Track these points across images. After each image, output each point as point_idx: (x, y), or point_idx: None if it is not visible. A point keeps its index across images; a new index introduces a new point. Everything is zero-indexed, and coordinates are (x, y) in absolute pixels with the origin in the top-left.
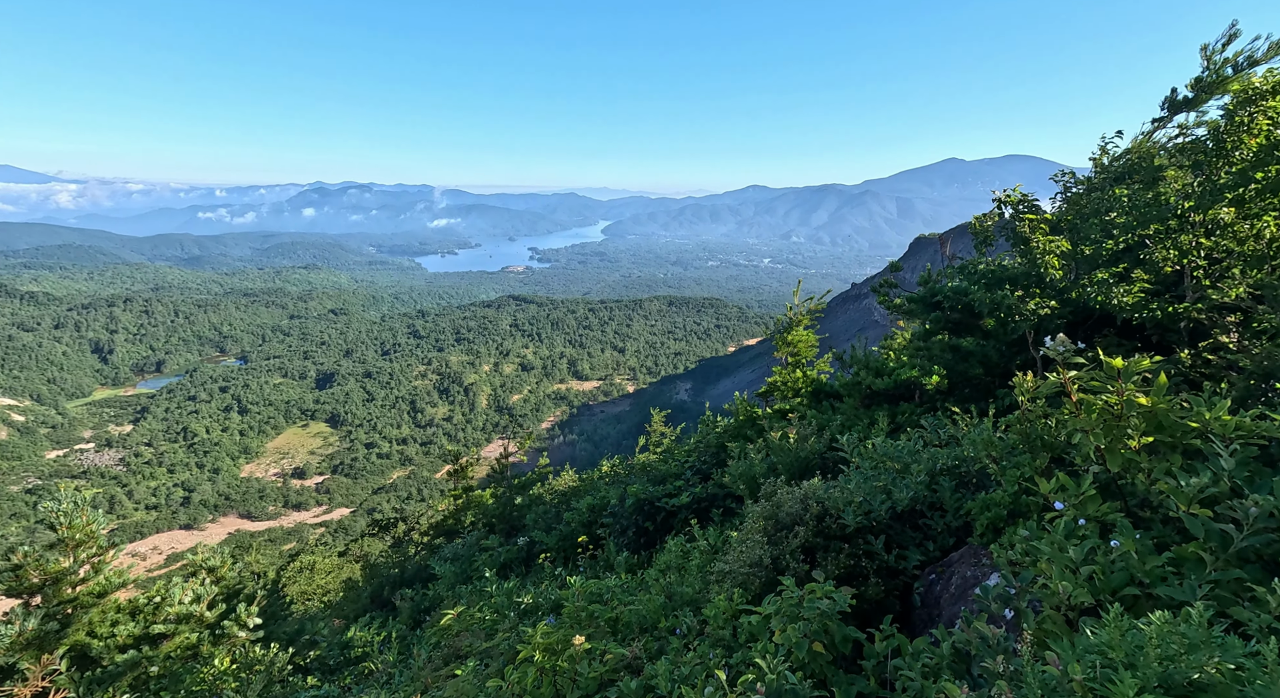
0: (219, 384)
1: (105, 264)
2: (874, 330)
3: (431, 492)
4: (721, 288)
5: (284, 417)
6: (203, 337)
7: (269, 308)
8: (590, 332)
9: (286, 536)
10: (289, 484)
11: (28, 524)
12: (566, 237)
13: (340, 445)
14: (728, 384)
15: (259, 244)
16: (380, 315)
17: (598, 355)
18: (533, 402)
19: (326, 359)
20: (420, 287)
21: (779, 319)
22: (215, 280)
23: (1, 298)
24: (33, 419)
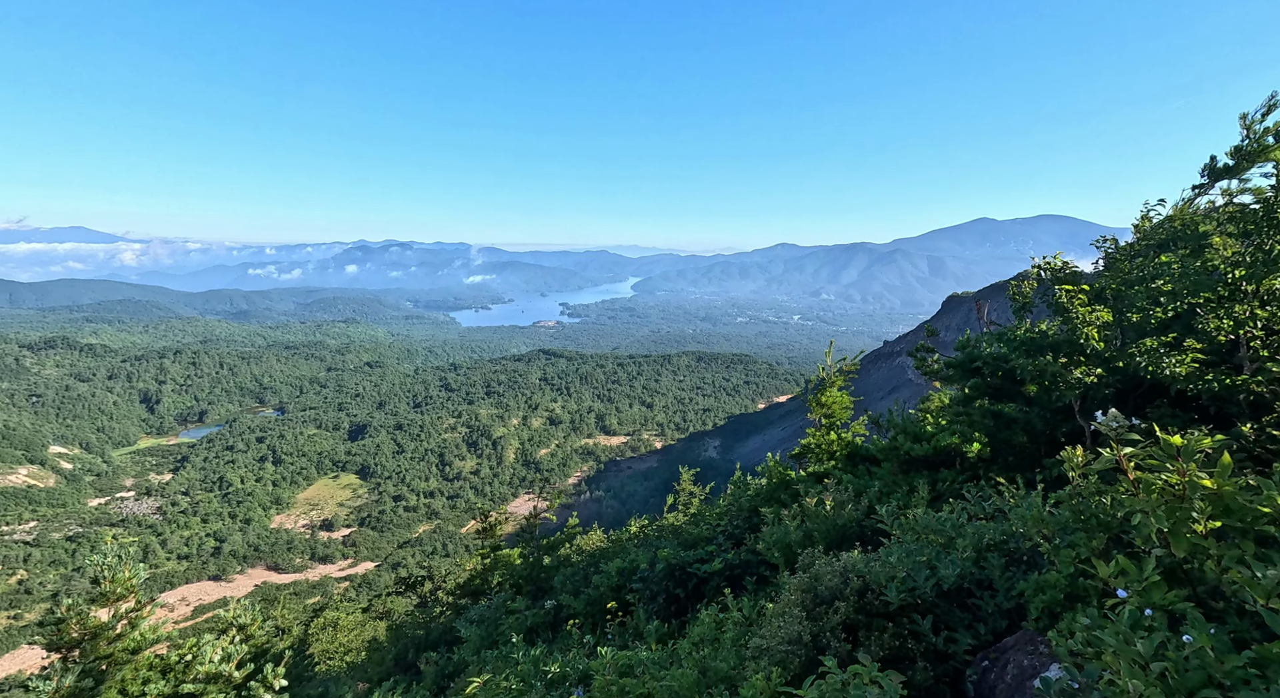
0: (256, 434)
1: (160, 318)
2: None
3: (456, 547)
4: (751, 344)
5: (316, 468)
6: (244, 388)
7: (308, 360)
8: (619, 387)
9: (311, 589)
10: (316, 536)
11: (64, 572)
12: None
13: (368, 498)
14: (757, 442)
15: (303, 299)
16: (414, 368)
17: (626, 411)
18: (560, 456)
19: (360, 411)
20: (454, 340)
21: (812, 379)
22: (260, 334)
23: (63, 350)
24: (80, 467)
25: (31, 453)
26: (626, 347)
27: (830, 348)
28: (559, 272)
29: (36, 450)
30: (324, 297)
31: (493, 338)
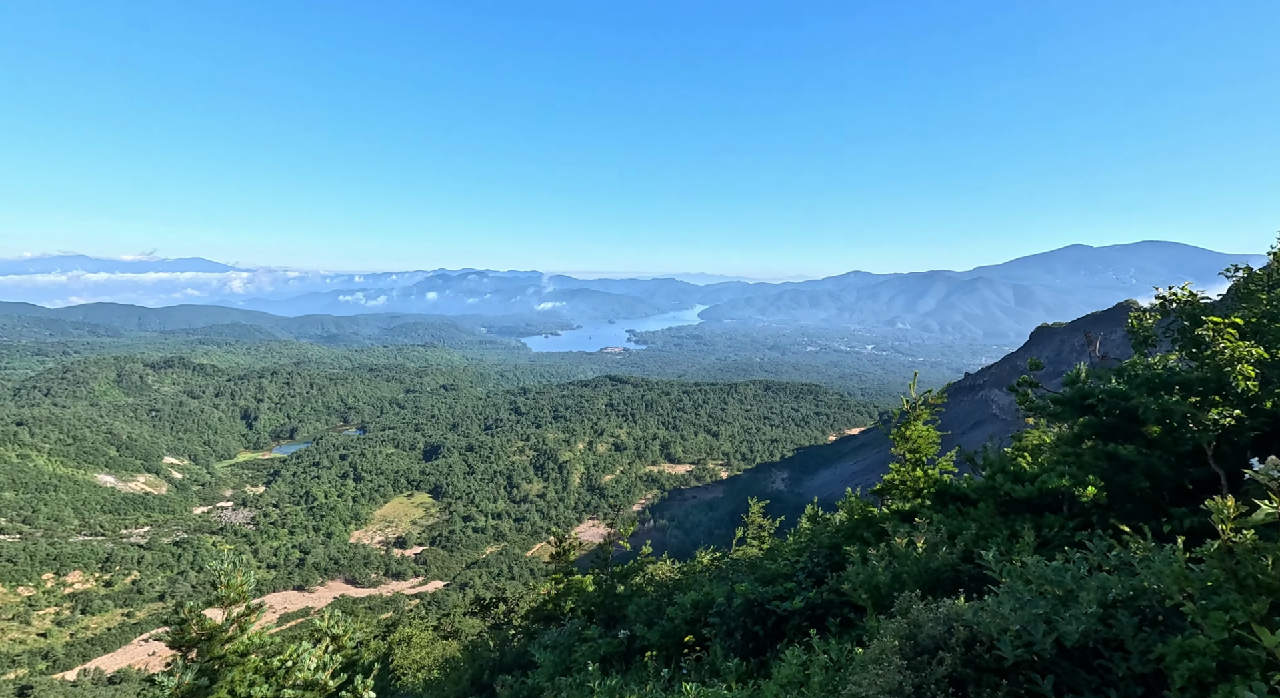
0: (340, 452)
1: (261, 341)
2: (992, 425)
3: (522, 570)
4: (821, 374)
5: (392, 486)
6: (331, 407)
7: (389, 382)
8: (684, 414)
9: (385, 604)
10: (391, 553)
11: (170, 575)
12: (663, 320)
13: (440, 517)
14: (828, 476)
15: (386, 324)
16: (486, 392)
17: (691, 439)
18: (624, 483)
19: (435, 432)
20: (524, 365)
21: (895, 411)
22: (346, 356)
23: (179, 369)
24: (187, 477)
25: (149, 463)
26: (692, 374)
27: (914, 379)
28: (626, 299)
29: (153, 461)
30: (405, 322)
31: (561, 363)
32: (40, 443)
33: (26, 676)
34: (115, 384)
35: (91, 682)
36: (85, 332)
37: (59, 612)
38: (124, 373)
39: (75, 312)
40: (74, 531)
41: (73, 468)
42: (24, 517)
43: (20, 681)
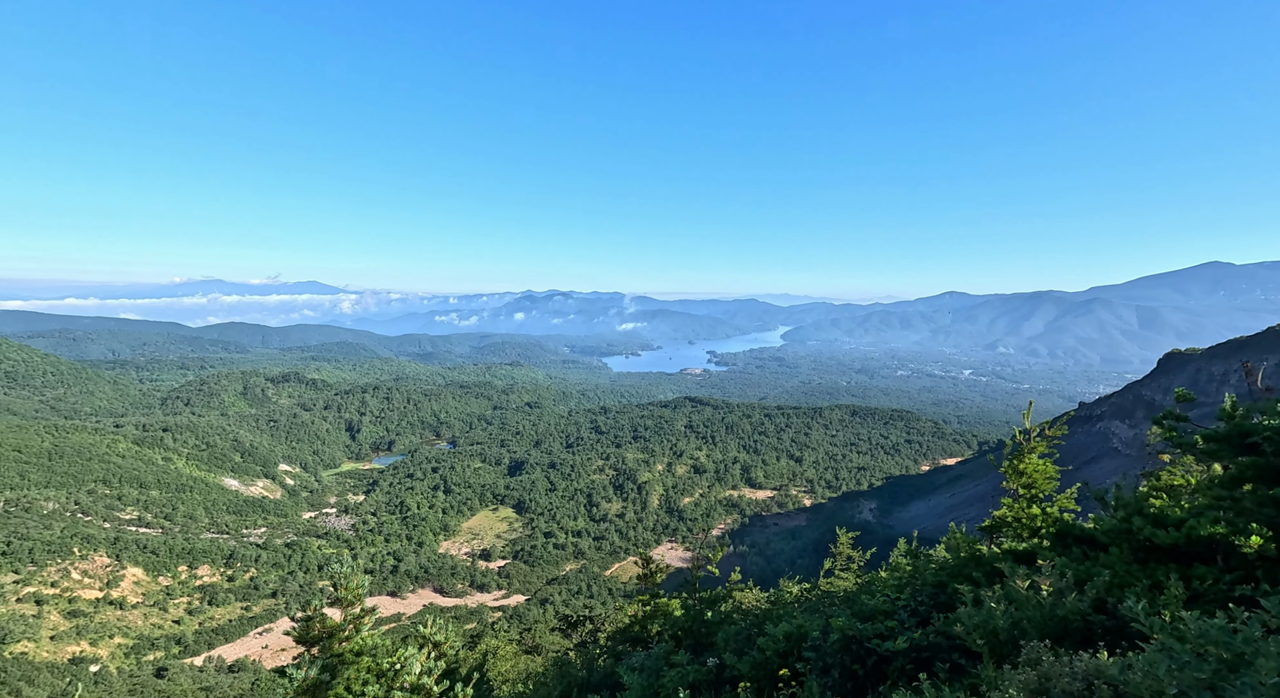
0: (431, 465)
1: (365, 358)
2: (1112, 460)
3: (600, 589)
4: (913, 400)
5: (479, 499)
6: (424, 422)
7: (477, 399)
8: (765, 438)
9: (469, 615)
10: (476, 565)
11: (282, 574)
12: (745, 341)
13: (523, 532)
14: (920, 508)
15: (477, 343)
16: (568, 410)
17: (772, 463)
18: (704, 506)
19: (519, 448)
20: (605, 385)
21: (1007, 442)
22: (440, 373)
23: (294, 384)
24: (298, 484)
25: (266, 469)
26: (774, 397)
27: (1029, 408)
28: (707, 320)
29: (270, 467)
30: (494, 341)
31: (641, 383)
32: (180, 447)
33: (163, 658)
34: (241, 396)
35: (215, 669)
36: (219, 348)
37: (190, 602)
38: (249, 386)
39: (212, 330)
40: (204, 528)
41: (205, 471)
42: (166, 513)
43: (158, 662)
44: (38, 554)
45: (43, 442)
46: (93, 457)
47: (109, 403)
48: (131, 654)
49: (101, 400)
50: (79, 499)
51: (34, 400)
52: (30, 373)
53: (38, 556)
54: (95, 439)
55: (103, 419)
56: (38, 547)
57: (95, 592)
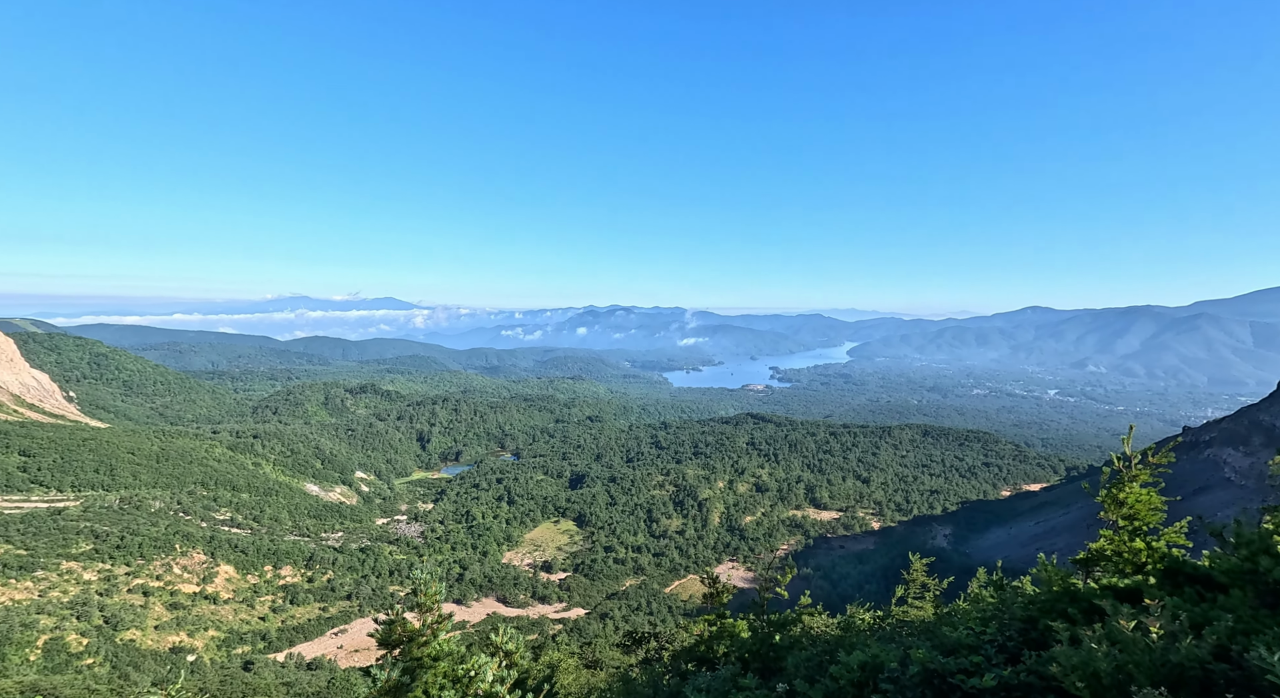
0: (496, 476)
1: (435, 371)
2: (1224, 492)
3: (660, 606)
4: (991, 420)
5: (541, 511)
6: (490, 433)
7: (540, 412)
8: (831, 457)
9: (531, 626)
10: (538, 576)
11: (356, 577)
12: (809, 357)
13: (583, 545)
14: (1000, 535)
15: (540, 357)
16: (628, 425)
17: (838, 484)
18: (766, 525)
19: (580, 461)
20: (665, 400)
21: (1104, 470)
22: (505, 387)
23: (370, 395)
24: (372, 490)
25: (344, 476)
26: (840, 415)
27: (1129, 433)
28: (770, 335)
29: (347, 474)
30: (557, 356)
31: (702, 399)
32: (268, 453)
33: (250, 652)
34: (323, 406)
35: (295, 665)
36: (304, 361)
37: (274, 600)
38: (330, 397)
39: (298, 344)
40: (288, 530)
41: (289, 477)
42: (254, 515)
43: (245, 656)
44: (146, 549)
45: (152, 445)
46: (193, 460)
47: (208, 410)
48: (223, 647)
49: (202, 408)
50: (181, 499)
51: (146, 407)
52: (143, 382)
53: (146, 551)
54: (196, 444)
55: (202, 426)
56: (146, 542)
57: (193, 586)
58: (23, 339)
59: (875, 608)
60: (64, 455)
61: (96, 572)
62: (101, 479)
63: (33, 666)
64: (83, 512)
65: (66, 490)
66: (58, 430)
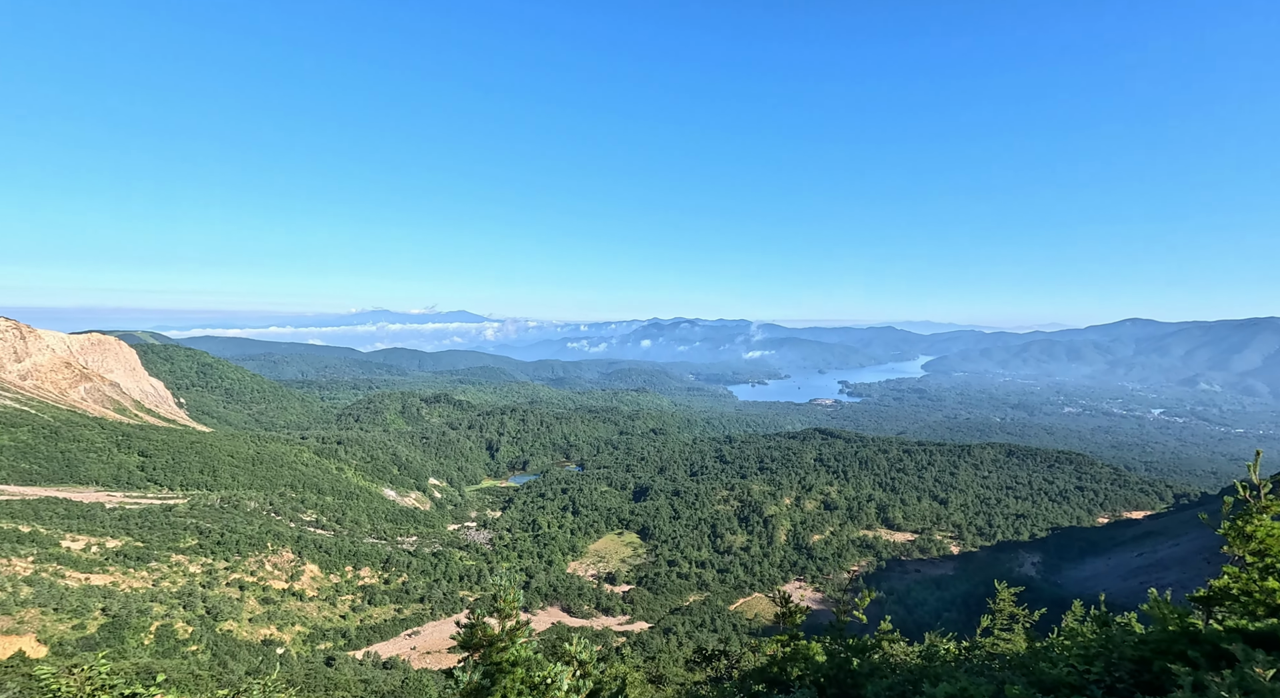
0: (561, 486)
1: (504, 382)
2: None
3: (724, 623)
4: (1085, 441)
5: (605, 523)
6: (555, 444)
7: (604, 424)
8: (904, 476)
9: (595, 638)
10: (601, 588)
11: (429, 581)
12: (880, 371)
13: (646, 558)
14: (1098, 566)
15: (604, 369)
16: (692, 438)
17: (913, 504)
18: (835, 545)
19: (644, 474)
20: (730, 413)
21: (1226, 499)
22: (570, 398)
23: (443, 404)
24: (444, 497)
25: (418, 482)
26: (914, 432)
27: (1257, 459)
28: (839, 348)
29: (421, 480)
30: (621, 368)
31: (767, 413)
32: (350, 459)
33: (331, 648)
34: (400, 415)
35: (371, 664)
36: (383, 371)
37: (353, 600)
38: (406, 406)
39: (378, 355)
40: (366, 533)
41: (368, 482)
42: (337, 517)
43: (327, 652)
44: (242, 546)
45: (249, 449)
46: (284, 464)
47: (297, 417)
48: (308, 642)
49: (292, 415)
50: (273, 500)
51: (244, 413)
52: (242, 390)
53: (242, 547)
54: (286, 449)
55: (292, 431)
56: (242, 540)
57: (282, 583)
58: (143, 350)
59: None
60: (175, 457)
61: (200, 565)
62: (205, 479)
63: (146, 649)
64: (189, 509)
65: (176, 489)
66: (170, 434)
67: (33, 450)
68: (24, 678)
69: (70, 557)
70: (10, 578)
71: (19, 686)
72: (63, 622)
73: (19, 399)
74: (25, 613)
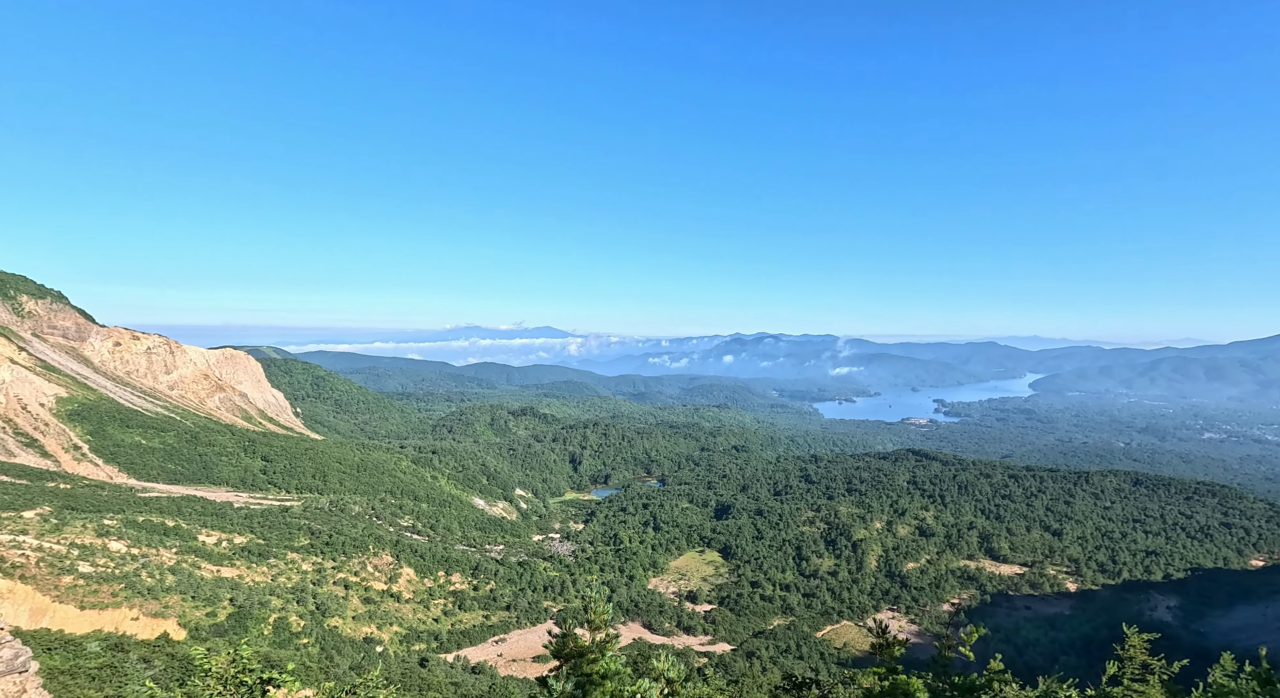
0: (642, 501)
1: (586, 396)
2: None
3: (810, 651)
4: (1231, 471)
5: (686, 540)
6: (636, 459)
7: (685, 439)
8: (1011, 503)
9: (676, 657)
10: (683, 606)
11: (515, 590)
12: (981, 390)
13: (728, 578)
14: (1250, 615)
15: (685, 385)
16: (775, 456)
17: (1020, 534)
18: (931, 575)
19: (725, 491)
20: (815, 432)
21: None
22: (651, 413)
23: (529, 417)
24: (529, 507)
25: (505, 492)
26: (1021, 456)
27: None
28: (934, 365)
29: (508, 490)
30: (703, 383)
31: (855, 432)
32: (443, 468)
33: (425, 650)
34: (489, 426)
35: (461, 668)
36: (474, 384)
37: (445, 604)
38: (495, 418)
39: (470, 369)
40: (457, 540)
41: (459, 490)
42: (431, 523)
43: (420, 653)
44: (347, 548)
45: (354, 456)
46: (384, 471)
47: (397, 427)
48: (404, 642)
49: (392, 425)
50: (374, 505)
51: (351, 423)
52: (350, 401)
53: (347, 549)
54: (387, 457)
55: (392, 440)
56: (348, 541)
57: (381, 584)
58: (266, 364)
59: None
60: (291, 462)
61: (311, 564)
62: (316, 483)
63: (265, 639)
64: (303, 510)
65: (291, 491)
66: (288, 440)
67: (177, 453)
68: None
69: (205, 550)
70: (158, 567)
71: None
72: (198, 609)
73: (168, 407)
74: (169, 599)
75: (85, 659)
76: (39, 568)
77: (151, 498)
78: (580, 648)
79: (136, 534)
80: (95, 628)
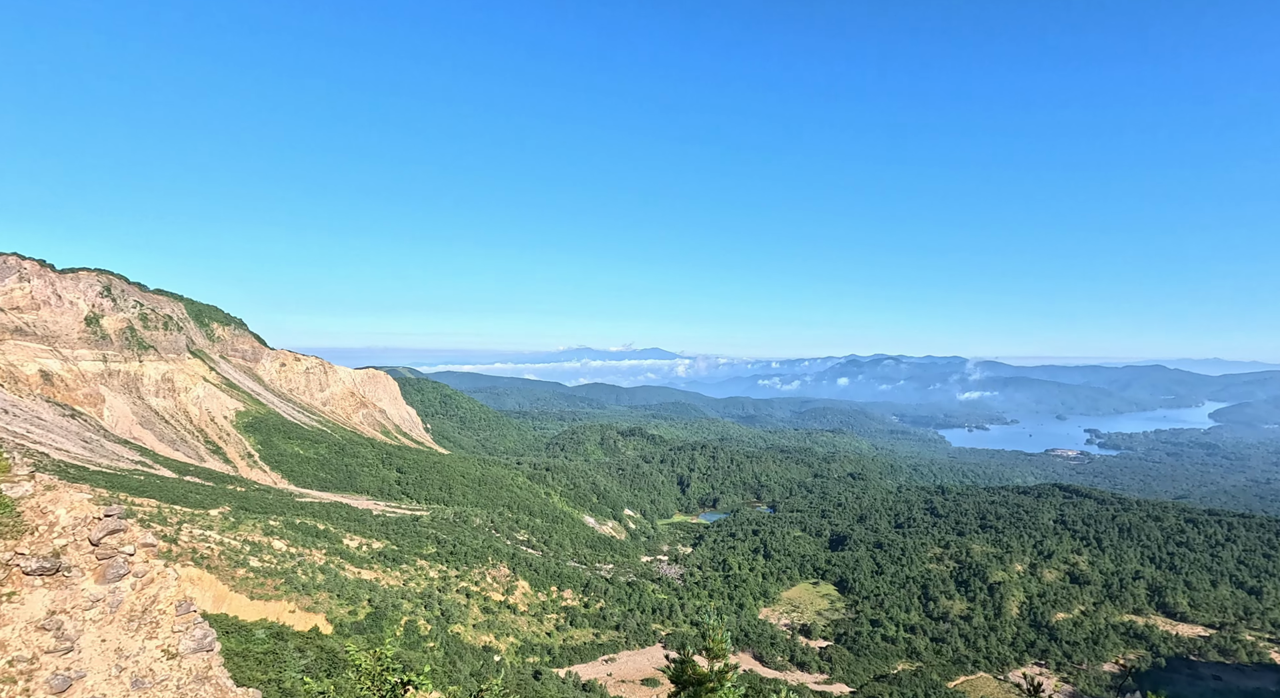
0: (751, 527)
1: (694, 418)
2: None
3: None
4: None
5: (798, 570)
6: (745, 483)
7: (797, 465)
8: (1189, 552)
9: (795, 694)
10: (795, 639)
11: (624, 610)
12: (1146, 419)
13: (845, 614)
14: None
15: (797, 408)
16: (896, 485)
17: (1204, 590)
18: (1087, 628)
19: (840, 521)
20: (941, 461)
21: None
22: (760, 436)
23: (637, 438)
24: (637, 528)
25: (615, 511)
26: (1201, 497)
27: None
28: (1084, 390)
29: (618, 510)
30: (815, 407)
31: (989, 463)
32: (556, 485)
33: (538, 663)
34: (599, 446)
35: (572, 684)
36: (585, 404)
37: (557, 619)
38: (605, 438)
39: (581, 390)
40: (569, 557)
41: (571, 508)
42: (544, 538)
43: (534, 665)
44: (469, 558)
45: (476, 471)
46: (502, 486)
47: (514, 444)
48: (519, 654)
49: (509, 442)
50: (493, 518)
51: (473, 439)
52: (472, 418)
53: (469, 559)
54: (505, 473)
55: (509, 457)
56: (469, 552)
57: (499, 596)
58: (401, 383)
59: None
60: (422, 474)
61: (437, 571)
62: (443, 495)
63: (398, 641)
64: (430, 520)
65: (421, 502)
66: (419, 454)
67: (328, 463)
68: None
69: (349, 553)
70: (311, 566)
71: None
72: (342, 607)
73: (321, 421)
74: (319, 596)
75: (254, 644)
76: (220, 560)
77: (306, 503)
78: (700, 676)
79: (294, 535)
80: (261, 617)
